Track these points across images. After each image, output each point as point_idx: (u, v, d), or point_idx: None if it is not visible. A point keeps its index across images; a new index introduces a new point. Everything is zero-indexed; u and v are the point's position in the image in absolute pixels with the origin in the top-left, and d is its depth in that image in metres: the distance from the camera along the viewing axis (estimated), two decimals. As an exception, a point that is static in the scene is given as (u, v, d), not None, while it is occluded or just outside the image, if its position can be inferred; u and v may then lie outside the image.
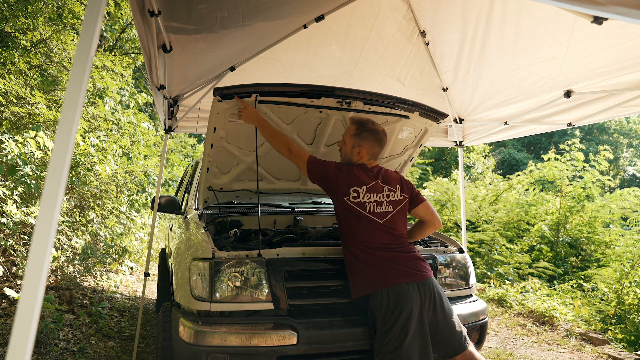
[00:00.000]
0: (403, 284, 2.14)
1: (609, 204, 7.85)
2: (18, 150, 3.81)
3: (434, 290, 2.21)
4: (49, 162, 2.29)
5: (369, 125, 2.37)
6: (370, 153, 2.36)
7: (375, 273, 2.17)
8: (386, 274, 2.16)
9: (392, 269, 2.17)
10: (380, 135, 2.37)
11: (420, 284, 2.17)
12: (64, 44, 5.66)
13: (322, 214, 3.57)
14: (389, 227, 2.26)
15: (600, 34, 2.63)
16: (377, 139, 2.35)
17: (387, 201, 2.28)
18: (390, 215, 2.28)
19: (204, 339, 2.07)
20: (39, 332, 3.53)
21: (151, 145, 7.25)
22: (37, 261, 0.86)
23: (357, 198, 2.22)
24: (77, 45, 1.15)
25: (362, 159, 2.37)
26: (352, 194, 2.23)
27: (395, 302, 2.11)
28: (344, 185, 2.24)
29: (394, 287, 2.13)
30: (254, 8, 2.53)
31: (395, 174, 2.42)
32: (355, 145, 2.36)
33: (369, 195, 2.24)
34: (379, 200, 2.26)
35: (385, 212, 2.27)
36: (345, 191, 2.23)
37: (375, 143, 2.35)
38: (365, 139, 2.34)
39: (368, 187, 2.25)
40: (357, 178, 2.26)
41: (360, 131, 2.35)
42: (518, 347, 4.43)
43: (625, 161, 22.39)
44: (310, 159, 2.34)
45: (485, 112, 4.20)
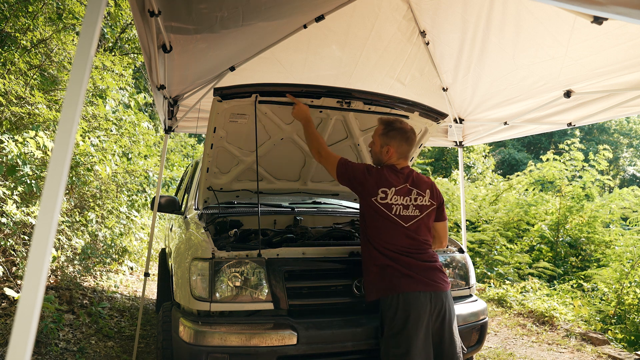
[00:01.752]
0: (416, 292, 2.13)
1: (608, 203, 7.85)
2: (18, 150, 3.81)
3: (445, 303, 2.19)
4: (49, 162, 2.28)
5: (397, 124, 2.37)
6: (398, 152, 2.35)
7: (391, 277, 2.16)
8: (401, 279, 2.15)
9: (408, 276, 2.16)
10: (409, 134, 2.36)
11: (433, 294, 2.15)
12: (64, 44, 5.66)
13: (322, 214, 3.57)
14: (413, 231, 2.24)
15: (600, 34, 2.62)
16: (404, 137, 2.34)
17: (413, 205, 2.27)
18: (416, 220, 2.26)
19: (204, 339, 2.07)
20: (39, 332, 3.53)
21: (151, 145, 7.25)
22: (37, 261, 0.86)
23: (384, 199, 2.21)
24: (77, 45, 1.15)
25: (391, 159, 2.36)
26: (380, 194, 2.21)
27: (406, 308, 2.11)
28: (372, 186, 2.23)
29: (406, 294, 2.12)
30: (254, 8, 2.53)
31: (427, 179, 2.40)
32: (383, 144, 2.36)
33: (396, 198, 2.22)
34: (405, 203, 2.24)
35: (411, 216, 2.25)
36: (373, 192, 2.22)
37: (403, 141, 2.34)
38: (392, 137, 2.33)
39: (397, 190, 2.24)
40: (387, 179, 2.25)
41: (388, 130, 2.35)
42: (518, 347, 4.43)
43: (625, 161, 22.39)
44: (340, 161, 2.35)
45: (485, 112, 4.20)
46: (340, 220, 3.57)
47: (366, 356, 2.32)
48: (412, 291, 2.12)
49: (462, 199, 5.01)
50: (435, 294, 2.16)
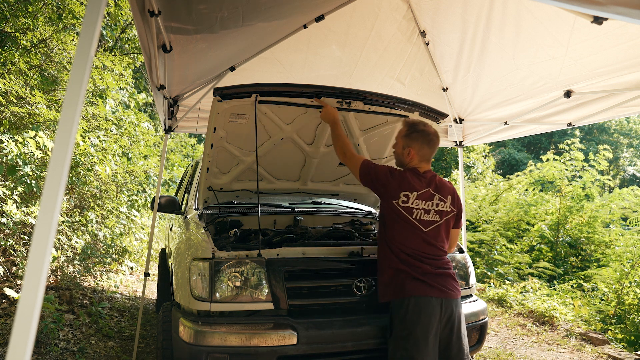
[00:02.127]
0: (427, 296, 2.14)
1: (608, 203, 7.85)
2: (18, 150, 3.81)
3: (455, 311, 2.20)
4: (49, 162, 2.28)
5: (420, 126, 2.36)
6: (420, 154, 2.34)
7: (404, 281, 2.17)
8: (414, 283, 2.16)
9: (421, 281, 2.16)
10: (431, 137, 2.35)
11: (444, 300, 2.16)
12: (64, 44, 5.66)
13: (322, 214, 3.57)
14: (432, 237, 2.24)
15: (600, 34, 2.62)
16: (426, 140, 2.33)
17: (434, 210, 2.26)
18: (435, 225, 2.26)
19: (204, 339, 2.07)
20: (39, 332, 3.53)
21: (151, 145, 7.25)
22: (37, 261, 0.86)
23: (406, 203, 2.21)
24: (77, 45, 1.15)
25: (412, 161, 2.35)
26: (402, 198, 2.21)
27: (416, 312, 2.11)
28: (394, 189, 2.22)
29: (418, 297, 2.13)
30: (253, 8, 2.53)
31: (449, 184, 2.39)
32: (405, 146, 2.35)
33: (417, 202, 2.22)
34: (426, 208, 2.24)
35: (431, 221, 2.25)
36: (395, 195, 2.22)
37: (424, 144, 2.33)
38: (414, 139, 2.32)
39: (419, 194, 2.23)
40: (409, 183, 2.24)
41: (410, 132, 2.35)
42: (518, 347, 4.43)
43: (625, 161, 22.39)
44: (364, 162, 2.35)
45: (485, 112, 4.20)
46: (340, 220, 3.57)
47: (366, 356, 2.32)
48: (424, 295, 2.13)
49: (462, 199, 4.99)
50: (446, 300, 2.16)
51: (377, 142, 3.07)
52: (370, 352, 2.31)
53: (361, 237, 2.99)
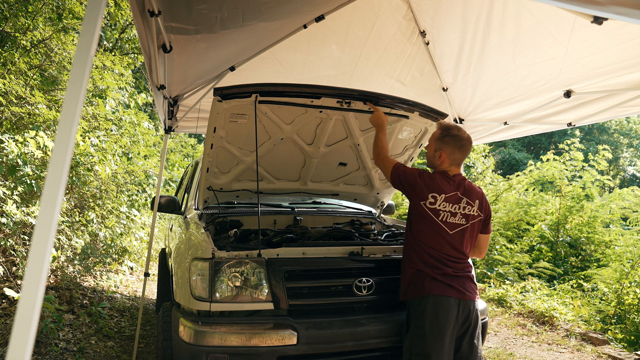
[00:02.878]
0: (446, 296, 2.16)
1: (608, 203, 7.85)
2: (18, 150, 3.81)
3: (472, 312, 2.22)
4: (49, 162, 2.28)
5: (453, 130, 2.37)
6: (451, 158, 2.35)
7: (423, 280, 2.20)
8: (433, 283, 2.19)
9: (441, 281, 2.19)
10: (463, 142, 2.36)
11: (462, 301, 2.19)
12: (64, 44, 5.66)
13: (322, 214, 3.57)
14: (456, 240, 2.26)
15: (600, 34, 2.62)
16: (458, 145, 2.35)
17: (461, 213, 2.27)
18: (461, 229, 2.28)
19: (204, 339, 2.07)
20: (39, 332, 3.53)
21: (151, 145, 7.25)
22: (37, 261, 0.86)
23: (433, 204, 2.23)
24: (77, 45, 1.15)
25: (443, 164, 2.36)
26: (430, 199, 2.23)
27: (435, 310, 2.14)
28: (423, 190, 2.25)
29: (436, 296, 2.16)
30: (253, 8, 2.53)
31: (478, 189, 2.41)
32: (437, 149, 2.37)
33: (445, 204, 2.24)
34: (453, 211, 2.26)
35: (456, 224, 2.26)
36: (423, 195, 2.24)
37: (456, 148, 2.34)
38: (446, 143, 2.34)
39: (447, 196, 2.25)
40: (438, 185, 2.26)
41: (444, 135, 2.36)
42: (518, 347, 4.43)
43: (625, 161, 22.39)
44: (395, 165, 2.39)
45: (485, 112, 4.20)
46: (340, 220, 3.57)
47: (366, 356, 2.32)
48: (443, 295, 2.16)
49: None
50: (463, 301, 2.19)
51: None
52: (370, 352, 2.31)
53: (361, 237, 3.00)
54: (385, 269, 2.56)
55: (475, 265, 7.44)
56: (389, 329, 2.32)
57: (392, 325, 2.34)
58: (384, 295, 2.51)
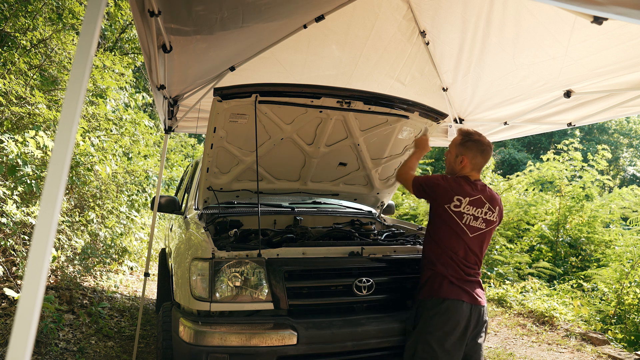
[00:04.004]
0: (460, 300, 2.19)
1: (608, 203, 7.85)
2: (18, 150, 3.81)
3: (481, 318, 2.25)
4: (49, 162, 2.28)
5: (475, 136, 2.40)
6: (472, 163, 2.37)
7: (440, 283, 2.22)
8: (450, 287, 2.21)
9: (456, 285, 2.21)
10: (484, 147, 2.38)
11: (474, 306, 2.21)
12: (64, 44, 5.65)
13: (322, 214, 3.57)
14: (475, 244, 2.28)
15: (600, 34, 2.62)
16: (480, 149, 2.37)
17: (483, 218, 2.29)
18: (481, 233, 2.29)
19: (204, 339, 2.07)
20: (39, 332, 3.53)
21: (151, 145, 7.25)
22: (37, 261, 0.86)
23: (458, 207, 2.25)
24: (77, 45, 1.15)
25: (465, 169, 2.38)
26: (455, 202, 2.25)
27: (447, 313, 2.16)
28: (448, 193, 2.27)
29: (451, 300, 2.18)
30: (253, 9, 2.52)
31: (497, 195, 2.43)
32: (458, 154, 2.39)
33: (469, 208, 2.26)
34: (476, 215, 2.27)
35: (477, 228, 2.28)
36: (448, 199, 2.26)
37: (478, 153, 2.36)
38: (468, 148, 2.36)
39: (471, 200, 2.27)
40: (462, 188, 2.28)
41: (465, 140, 2.39)
42: (518, 347, 4.43)
43: (625, 161, 22.38)
44: (415, 179, 2.44)
45: (485, 112, 4.20)
46: (340, 220, 3.57)
47: (366, 356, 2.32)
48: (457, 299, 2.18)
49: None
50: (475, 306, 2.21)
51: (377, 142, 3.07)
52: (370, 352, 2.31)
53: (361, 237, 3.00)
54: (385, 269, 2.56)
55: (475, 265, 7.43)
56: (389, 329, 2.32)
57: (392, 325, 2.34)
58: (384, 295, 2.51)
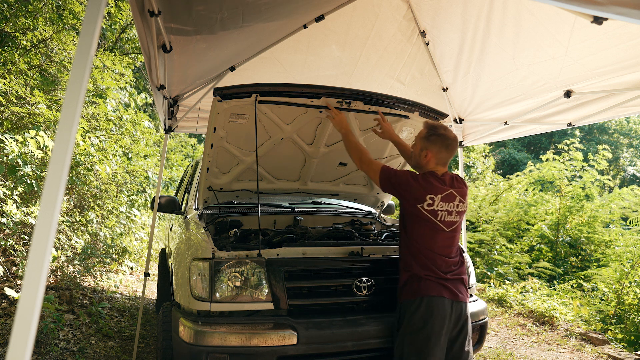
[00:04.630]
0: (441, 297, 2.17)
1: (608, 203, 7.85)
2: (18, 150, 3.81)
3: (463, 313, 2.24)
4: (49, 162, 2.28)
5: (440, 130, 2.36)
6: (437, 158, 2.34)
7: (419, 283, 2.20)
8: (428, 284, 2.19)
9: (436, 282, 2.20)
10: (450, 141, 2.35)
11: (454, 302, 2.20)
12: (64, 44, 5.66)
13: (322, 214, 3.57)
14: (451, 237, 2.28)
15: (600, 34, 2.62)
16: (445, 144, 2.33)
17: (456, 211, 2.28)
18: (456, 226, 2.29)
19: (204, 339, 2.07)
20: (39, 332, 3.53)
21: (151, 145, 7.25)
22: (37, 261, 0.86)
23: (431, 206, 2.21)
24: (77, 45, 1.15)
25: (430, 164, 2.35)
26: (428, 201, 2.21)
27: (429, 310, 2.15)
28: (420, 193, 2.22)
29: (431, 297, 2.17)
30: (253, 9, 2.53)
31: (462, 180, 2.40)
32: (423, 148, 2.35)
33: (442, 204, 2.23)
34: (449, 209, 2.26)
35: (452, 222, 2.27)
36: (420, 198, 2.22)
37: (442, 148, 2.33)
38: (433, 142, 2.33)
39: (443, 196, 2.24)
40: (433, 185, 2.24)
41: (430, 135, 2.35)
42: (518, 347, 4.43)
43: (625, 161, 22.38)
44: (384, 168, 2.34)
45: (485, 112, 4.20)
46: (340, 220, 3.57)
47: (366, 356, 2.32)
48: (437, 295, 2.17)
49: (462, 199, 5.00)
50: (456, 302, 2.20)
51: (377, 142, 3.07)
52: (370, 352, 2.31)
53: (361, 237, 3.00)
54: (385, 269, 2.56)
55: (476, 265, 7.44)
56: (389, 328, 2.32)
57: (392, 326, 2.34)
58: (384, 295, 2.51)
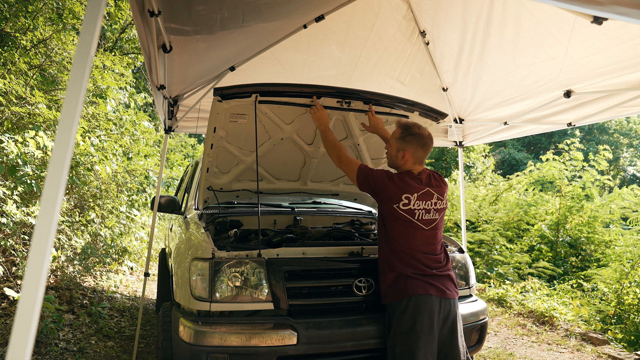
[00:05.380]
0: (427, 294, 2.16)
1: (608, 203, 7.85)
2: (18, 150, 3.81)
3: (452, 310, 2.23)
4: (49, 162, 2.28)
5: (414, 129, 2.35)
6: (414, 157, 2.33)
7: (405, 282, 2.19)
8: (415, 282, 2.18)
9: (422, 281, 2.19)
10: (425, 140, 2.35)
11: (442, 299, 2.19)
12: (64, 44, 5.66)
13: (322, 214, 3.57)
14: (432, 235, 2.27)
15: (600, 34, 2.62)
16: (421, 143, 2.33)
17: (434, 209, 2.27)
18: (435, 223, 2.28)
19: (204, 339, 2.07)
20: (39, 332, 3.53)
21: (151, 144, 7.25)
22: (37, 261, 0.86)
23: (407, 205, 2.21)
24: (77, 45, 1.15)
25: (407, 164, 2.34)
26: (404, 200, 2.20)
27: (417, 309, 2.14)
28: (395, 193, 2.22)
29: (418, 296, 2.16)
30: (253, 9, 2.52)
31: (441, 177, 2.40)
32: (399, 148, 2.35)
33: (418, 203, 2.23)
34: (427, 207, 2.25)
35: (431, 220, 2.26)
36: (395, 199, 2.21)
37: (419, 147, 2.33)
38: (409, 142, 2.32)
39: (419, 195, 2.23)
40: (408, 185, 2.24)
41: (405, 135, 2.34)
42: (518, 347, 4.43)
43: (625, 161, 22.37)
44: (360, 167, 2.34)
45: (485, 112, 4.20)
46: (340, 220, 3.57)
47: (366, 356, 2.32)
48: (424, 294, 2.16)
49: (462, 199, 5.01)
50: (444, 299, 2.20)
51: (377, 142, 3.07)
52: (370, 352, 2.31)
53: (361, 237, 2.99)
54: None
55: (476, 265, 7.44)
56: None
57: (383, 327, 2.34)
58: (384, 295, 2.50)
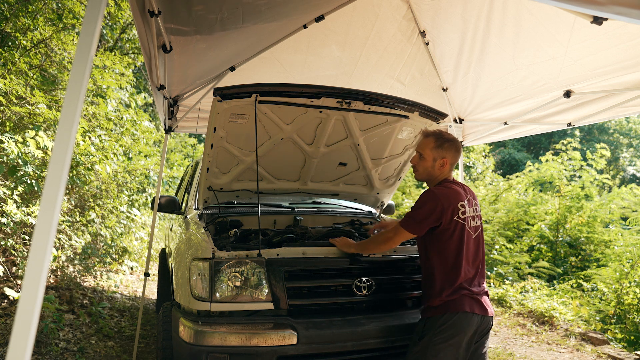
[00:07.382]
0: (472, 312, 2.10)
1: (608, 203, 7.85)
2: (18, 150, 3.81)
3: (487, 328, 2.19)
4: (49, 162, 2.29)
5: (447, 135, 2.31)
6: (452, 163, 2.29)
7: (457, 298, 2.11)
8: (465, 300, 2.11)
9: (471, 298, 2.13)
10: (458, 144, 2.32)
11: (482, 317, 2.14)
12: (64, 44, 5.66)
13: (322, 214, 3.57)
14: (478, 242, 2.24)
15: (600, 34, 2.62)
16: (457, 147, 2.30)
17: (477, 215, 2.26)
18: (480, 230, 2.26)
19: (204, 339, 2.07)
20: (39, 332, 3.53)
21: (151, 144, 7.25)
22: (37, 261, 0.86)
23: (464, 213, 2.17)
24: (77, 45, 1.15)
25: (444, 172, 2.28)
26: (461, 209, 2.16)
27: (458, 325, 2.08)
28: (451, 204, 2.13)
29: (466, 313, 2.09)
30: (253, 9, 2.53)
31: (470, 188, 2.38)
32: (437, 157, 2.27)
33: (469, 210, 2.20)
34: (472, 214, 2.23)
35: (477, 227, 2.24)
36: (455, 209, 2.14)
37: (457, 152, 2.29)
38: (447, 149, 2.26)
39: (467, 201, 2.20)
40: (457, 193, 2.18)
41: (441, 142, 2.27)
42: (518, 347, 4.43)
43: (625, 161, 22.37)
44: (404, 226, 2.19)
45: (485, 112, 4.20)
46: (340, 220, 3.57)
47: (366, 356, 2.32)
48: (470, 312, 2.10)
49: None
50: (485, 317, 2.15)
51: (377, 142, 3.07)
52: (370, 352, 2.31)
53: (361, 237, 2.99)
54: (385, 269, 2.56)
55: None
56: (389, 328, 2.32)
57: (392, 325, 2.34)
58: (384, 295, 2.51)
